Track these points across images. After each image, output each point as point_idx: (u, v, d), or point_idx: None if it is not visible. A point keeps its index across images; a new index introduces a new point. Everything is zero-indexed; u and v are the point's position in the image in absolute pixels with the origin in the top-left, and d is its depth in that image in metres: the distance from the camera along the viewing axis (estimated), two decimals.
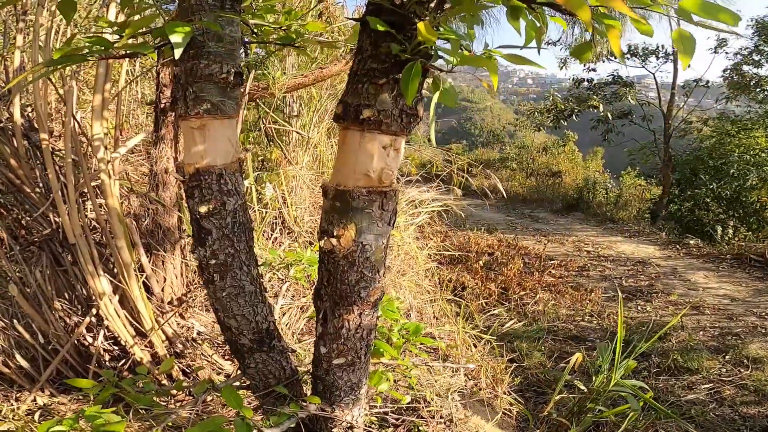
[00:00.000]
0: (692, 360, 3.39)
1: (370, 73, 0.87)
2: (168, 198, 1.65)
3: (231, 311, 1.02)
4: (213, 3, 0.88)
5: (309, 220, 3.40)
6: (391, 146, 0.91)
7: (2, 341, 1.52)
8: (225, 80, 0.92)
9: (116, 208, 1.30)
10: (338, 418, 1.06)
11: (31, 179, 1.40)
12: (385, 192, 0.92)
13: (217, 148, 0.94)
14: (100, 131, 1.31)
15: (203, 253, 0.98)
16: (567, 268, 5.54)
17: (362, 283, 0.96)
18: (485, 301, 4.22)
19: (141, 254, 1.49)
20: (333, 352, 1.03)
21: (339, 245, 0.93)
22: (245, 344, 1.07)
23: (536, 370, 3.10)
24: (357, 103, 0.88)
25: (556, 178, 12.73)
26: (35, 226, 1.43)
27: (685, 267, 5.91)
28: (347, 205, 0.92)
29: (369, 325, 1.03)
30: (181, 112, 0.93)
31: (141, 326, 1.47)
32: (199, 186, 0.95)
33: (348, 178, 0.92)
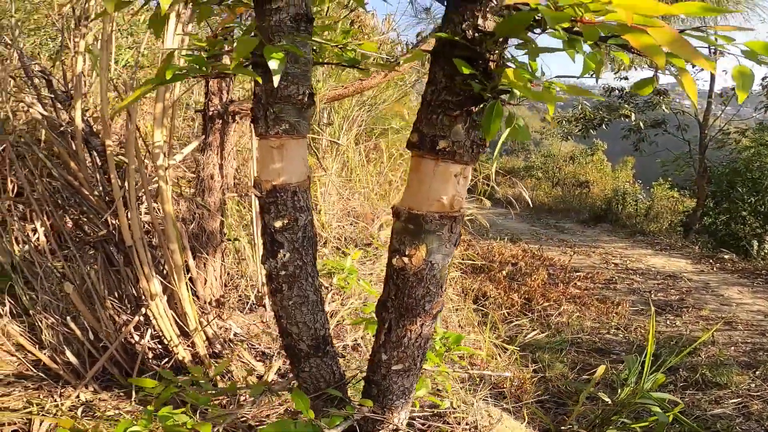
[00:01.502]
0: (721, 375, 3.31)
1: (444, 105, 0.93)
2: (212, 203, 1.76)
3: (294, 319, 1.11)
4: (291, 25, 0.95)
5: (336, 226, 3.50)
6: (461, 174, 0.98)
7: (52, 337, 1.61)
8: (301, 101, 0.99)
9: (171, 214, 1.41)
10: (387, 420, 1.13)
11: (89, 182, 1.53)
12: (455, 217, 1.00)
13: (292, 166, 1.03)
14: (160, 139, 1.41)
15: (274, 265, 1.06)
16: (593, 280, 5.47)
17: (427, 297, 1.04)
18: (507, 311, 4.22)
19: (188, 257, 1.59)
20: (393, 359, 1.10)
21: (410, 263, 1.00)
22: (303, 349, 1.15)
23: (558, 381, 3.10)
24: (433, 134, 0.95)
25: (584, 188, 12.50)
26: (91, 227, 1.56)
27: (719, 282, 5.73)
28: (420, 228, 0.99)
29: (427, 335, 1.10)
30: (261, 132, 1.00)
31: (186, 326, 1.56)
32: (275, 202, 1.03)
33: (422, 204, 0.99)
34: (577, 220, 10.25)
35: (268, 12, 0.95)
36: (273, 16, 0.95)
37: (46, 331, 1.59)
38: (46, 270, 1.61)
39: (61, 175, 1.49)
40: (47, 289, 1.61)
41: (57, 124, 1.58)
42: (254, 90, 1.01)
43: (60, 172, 1.50)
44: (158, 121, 1.39)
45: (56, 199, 1.58)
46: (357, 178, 4.28)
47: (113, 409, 1.53)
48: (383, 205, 4.01)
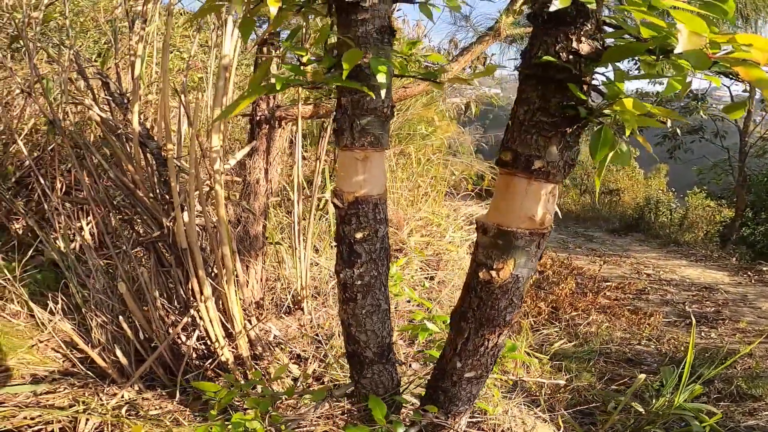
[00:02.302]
0: (757, 387, 3.22)
1: (539, 126, 0.95)
2: (257, 207, 1.84)
3: (364, 327, 1.13)
4: (377, 37, 0.96)
5: None
6: (551, 193, 1.00)
7: (101, 335, 1.63)
8: (385, 114, 1.02)
9: (225, 218, 1.48)
10: (450, 426, 1.16)
11: (144, 184, 1.60)
12: (544, 233, 1.03)
13: (375, 178, 1.05)
14: (217, 144, 1.45)
15: (350, 274, 1.09)
16: (624, 290, 5.35)
17: (509, 309, 1.07)
18: (534, 319, 4.19)
19: (237, 261, 1.64)
20: (467, 366, 1.12)
21: (497, 277, 1.03)
22: (368, 356, 1.17)
23: (585, 391, 3.07)
24: (528, 154, 0.96)
25: (614, 196, 12.19)
26: (144, 228, 1.64)
27: (757, 294, 5.52)
28: (510, 244, 1.01)
29: (501, 345, 1.13)
30: (347, 143, 1.02)
31: (231, 328, 1.60)
32: (356, 214, 1.05)
33: (512, 221, 1.01)
34: (606, 229, 10.02)
35: (353, 23, 0.96)
36: (359, 27, 0.96)
37: (96, 330, 1.63)
38: (99, 269, 1.65)
39: (117, 176, 1.58)
40: (99, 288, 1.64)
41: (113, 126, 1.67)
42: (339, 101, 1.02)
43: (116, 173, 1.58)
44: (216, 126, 1.44)
45: (112, 200, 1.66)
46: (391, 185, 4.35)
47: (156, 408, 1.54)
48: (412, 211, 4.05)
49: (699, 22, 0.67)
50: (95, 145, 1.93)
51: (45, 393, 1.55)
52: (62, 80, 1.95)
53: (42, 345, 1.80)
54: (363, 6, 0.95)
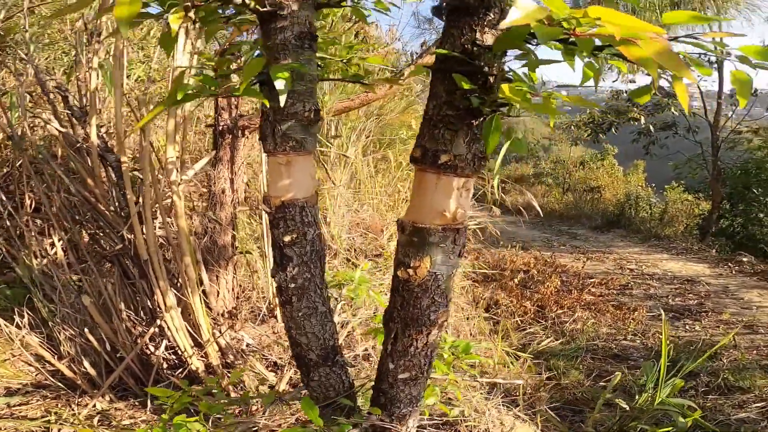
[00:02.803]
0: (744, 379, 3.23)
1: (446, 120, 0.95)
2: (224, 217, 1.81)
3: (304, 329, 1.14)
4: (295, 43, 0.98)
5: (346, 238, 3.53)
6: (463, 187, 1.00)
7: (69, 348, 1.65)
8: (307, 118, 1.03)
9: (185, 228, 1.46)
10: (395, 429, 1.14)
11: (105, 197, 1.58)
12: (458, 229, 1.02)
13: (300, 182, 1.06)
14: (173, 155, 1.45)
15: (283, 278, 1.09)
16: (608, 286, 5.39)
17: (433, 308, 1.06)
18: (520, 318, 4.18)
19: (202, 270, 1.64)
20: (399, 367, 1.12)
21: (415, 275, 1.03)
22: (312, 359, 1.17)
23: (574, 388, 3.05)
24: (435, 149, 0.97)
25: (595, 193, 12.38)
26: (107, 241, 1.61)
27: (738, 285, 5.62)
28: (424, 241, 1.02)
29: (433, 345, 1.12)
30: (269, 149, 1.04)
31: (199, 337, 1.60)
32: (284, 217, 1.06)
33: (425, 217, 1.01)
34: (589, 226, 10.14)
35: (273, 31, 0.98)
36: (278, 35, 0.97)
37: (64, 343, 1.64)
38: (64, 283, 1.66)
39: (78, 190, 1.55)
40: (65, 301, 1.66)
41: (73, 140, 1.64)
42: (262, 108, 1.03)
43: (77, 187, 1.55)
44: (171, 137, 1.44)
45: (73, 214, 1.64)
46: (366, 190, 4.31)
47: (129, 418, 1.56)
48: (392, 216, 4.03)
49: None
50: (62, 158, 1.89)
51: (18, 405, 1.59)
52: (20, 94, 1.91)
53: (15, 359, 1.83)
54: (281, 14, 0.95)
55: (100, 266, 1.63)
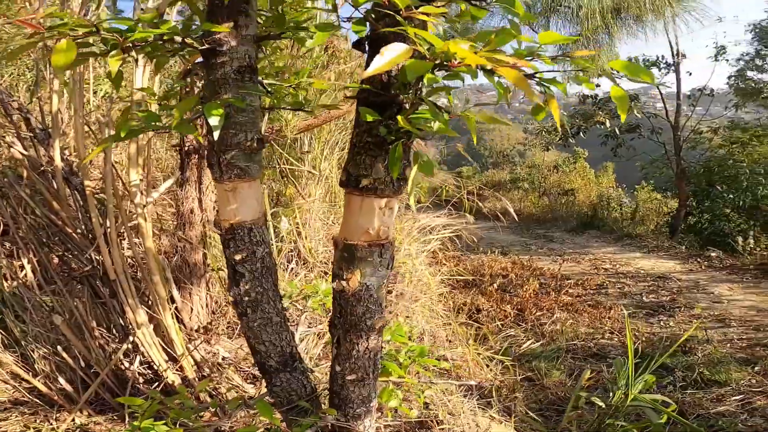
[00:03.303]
0: (720, 372, 3.30)
1: (367, 147, 1.05)
2: (194, 236, 1.81)
3: (261, 338, 1.22)
4: (235, 77, 1.04)
5: (323, 251, 3.51)
6: (386, 207, 1.10)
7: (44, 366, 1.67)
8: (250, 147, 1.09)
9: (152, 249, 1.47)
10: (352, 428, 1.21)
11: (71, 220, 1.57)
12: (383, 244, 1.13)
13: (246, 206, 1.13)
14: (136, 178, 1.49)
15: (237, 292, 1.17)
16: (584, 286, 5.50)
17: (368, 315, 1.17)
18: (501, 322, 4.22)
19: (172, 288, 1.65)
20: (346, 369, 1.22)
21: (348, 286, 1.14)
22: (272, 365, 1.24)
23: (556, 388, 3.08)
24: (357, 174, 1.07)
25: (569, 196, 12.69)
26: (76, 263, 1.59)
27: (708, 280, 5.81)
28: (353, 256, 1.13)
29: (375, 348, 1.21)
30: (216, 177, 1.11)
31: (173, 352, 1.62)
32: (233, 238, 1.14)
33: (353, 234, 1.12)
34: (565, 229, 10.36)
35: (213, 66, 1.04)
36: (218, 69, 1.03)
37: (38, 361, 1.65)
38: (35, 304, 1.64)
39: (44, 213, 1.54)
40: (37, 321, 1.66)
41: (37, 163, 1.62)
42: (207, 138, 1.08)
43: (43, 210, 1.54)
44: (133, 161, 1.47)
45: (41, 237, 1.61)
46: (340, 203, 4.30)
47: (107, 431, 1.58)
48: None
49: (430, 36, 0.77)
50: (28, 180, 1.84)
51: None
52: None
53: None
54: (220, 50, 1.02)
55: (70, 287, 1.61)
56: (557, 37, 0.81)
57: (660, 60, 10.08)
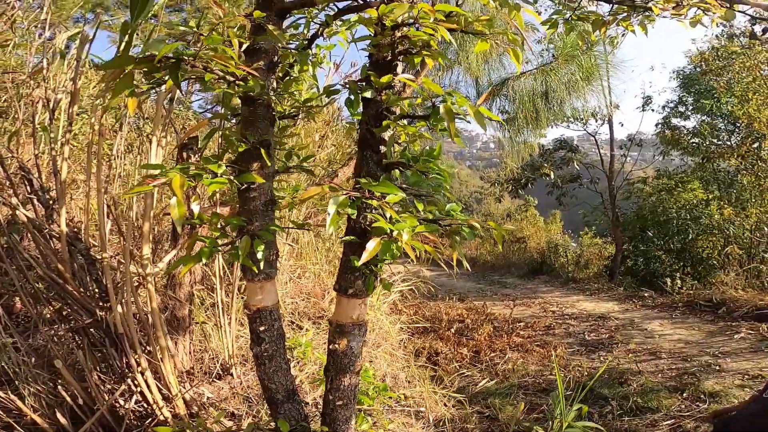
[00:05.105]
0: (652, 400, 3.65)
1: (351, 269, 1.60)
2: (182, 295, 2.08)
3: (273, 380, 1.67)
4: (262, 209, 1.51)
5: (290, 302, 3.75)
6: (362, 303, 1.68)
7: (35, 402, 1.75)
8: (271, 261, 1.60)
9: (157, 310, 1.76)
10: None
11: (74, 280, 1.78)
12: (360, 324, 1.70)
13: (269, 296, 1.62)
14: (147, 252, 1.79)
15: (259, 350, 1.63)
16: (534, 328, 5.92)
17: (350, 364, 1.70)
18: (458, 364, 4.51)
19: (168, 339, 1.87)
20: (336, 398, 1.71)
21: (339, 347, 1.68)
22: (279, 398, 1.67)
23: (509, 422, 3.37)
24: (346, 286, 1.64)
25: (521, 243, 13.43)
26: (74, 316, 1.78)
27: (642, 318, 6.36)
28: (343, 330, 1.68)
29: (355, 383, 1.74)
30: (248, 278, 1.58)
31: (168, 392, 1.85)
32: (259, 317, 1.61)
33: (343, 318, 1.68)
34: (517, 275, 10.94)
35: (247, 200, 1.50)
36: (251, 203, 1.50)
37: (29, 398, 1.77)
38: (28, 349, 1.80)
39: (46, 273, 1.75)
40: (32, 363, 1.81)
41: (39, 226, 1.80)
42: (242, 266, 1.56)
43: (45, 270, 1.75)
44: (146, 238, 1.76)
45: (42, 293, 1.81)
46: (307, 257, 4.56)
47: None
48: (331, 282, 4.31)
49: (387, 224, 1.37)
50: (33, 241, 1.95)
51: None
52: None
53: None
54: (252, 187, 1.50)
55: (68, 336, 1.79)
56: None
57: (596, 112, 11.12)
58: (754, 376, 4.04)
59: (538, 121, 6.10)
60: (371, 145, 1.53)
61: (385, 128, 1.47)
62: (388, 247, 1.30)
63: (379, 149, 1.52)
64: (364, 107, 1.52)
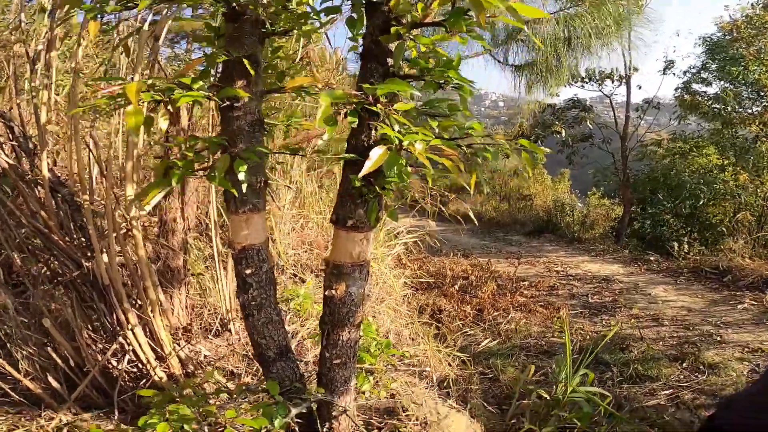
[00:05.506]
0: (652, 368, 3.64)
1: (352, 196, 1.38)
2: (176, 243, 1.92)
3: (263, 334, 1.47)
4: (248, 130, 1.29)
5: (293, 254, 3.63)
6: (364, 238, 1.44)
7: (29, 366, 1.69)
8: (259, 187, 1.36)
9: (144, 257, 1.58)
10: (336, 403, 1.49)
11: (58, 229, 1.64)
12: (362, 264, 1.46)
13: (256, 232, 1.40)
14: (131, 193, 1.61)
15: (246, 298, 1.42)
16: (538, 288, 5.87)
17: (350, 314, 1.48)
18: (461, 322, 4.48)
19: (159, 291, 1.74)
20: (333, 356, 1.51)
21: (336, 293, 1.45)
22: (270, 356, 1.49)
23: (510, 383, 3.35)
24: (344, 216, 1.40)
25: (527, 201, 13.24)
26: (62, 268, 1.66)
27: (646, 282, 6.30)
28: (341, 272, 1.45)
29: (355, 338, 1.53)
30: (232, 210, 1.36)
31: (161, 351, 1.74)
32: (245, 257, 1.40)
33: (341, 257, 1.44)
34: (522, 232, 10.86)
35: (230, 119, 1.27)
36: (234, 123, 1.27)
37: (22, 361, 1.69)
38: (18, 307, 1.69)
39: (30, 222, 1.60)
40: (21, 323, 1.70)
41: (22, 172, 1.68)
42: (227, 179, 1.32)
43: (29, 220, 1.60)
44: (129, 177, 1.58)
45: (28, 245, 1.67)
46: (310, 207, 4.42)
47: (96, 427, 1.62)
48: None
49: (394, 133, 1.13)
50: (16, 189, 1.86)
51: None
52: None
53: None
54: (236, 105, 1.26)
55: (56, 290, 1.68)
56: None
57: (614, 72, 10.68)
58: (755, 349, 4.00)
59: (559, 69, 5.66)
60: (376, 56, 1.27)
61: (394, 36, 1.20)
62: (396, 159, 1.09)
63: (386, 61, 1.27)
64: (368, 17, 1.27)
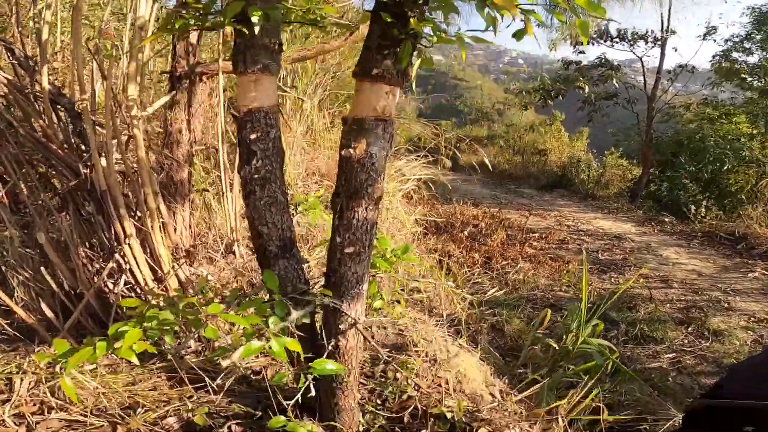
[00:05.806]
0: (657, 330, 3.61)
1: (379, 47, 1.23)
2: (180, 155, 1.78)
3: (265, 219, 1.30)
4: None
5: (302, 185, 3.50)
6: (390, 92, 1.27)
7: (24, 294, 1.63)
8: (273, 48, 1.25)
9: (144, 160, 1.44)
10: (345, 312, 1.31)
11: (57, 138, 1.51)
12: (386, 120, 1.28)
13: (265, 95, 1.26)
14: (134, 92, 1.49)
15: (248, 170, 1.26)
16: (548, 240, 5.77)
17: (369, 182, 1.28)
18: (469, 269, 4.42)
19: (160, 202, 1.62)
20: (345, 241, 1.30)
21: (355, 153, 1.26)
22: (272, 250, 1.32)
23: (515, 334, 3.32)
24: (369, 66, 1.23)
25: (542, 155, 12.93)
26: (60, 179, 1.55)
27: (659, 243, 6.19)
28: (361, 127, 1.26)
29: (372, 219, 1.31)
30: (241, 70, 1.23)
31: (159, 270, 1.62)
32: (251, 120, 1.25)
33: (363, 111, 1.27)
34: (535, 186, 10.67)
35: None
36: None
37: (18, 288, 1.60)
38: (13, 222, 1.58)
39: (28, 133, 1.48)
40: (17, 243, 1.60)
41: (21, 87, 1.55)
42: (235, 41, 1.22)
43: (27, 130, 1.47)
44: (132, 77, 1.49)
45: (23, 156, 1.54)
46: (321, 140, 4.26)
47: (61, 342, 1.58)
48: None
49: None
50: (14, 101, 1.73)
51: None
52: None
53: None
54: None
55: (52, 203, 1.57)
56: None
57: (648, 33, 10.07)
58: (761, 319, 3.94)
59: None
60: None
61: None
62: None
63: None
64: None
